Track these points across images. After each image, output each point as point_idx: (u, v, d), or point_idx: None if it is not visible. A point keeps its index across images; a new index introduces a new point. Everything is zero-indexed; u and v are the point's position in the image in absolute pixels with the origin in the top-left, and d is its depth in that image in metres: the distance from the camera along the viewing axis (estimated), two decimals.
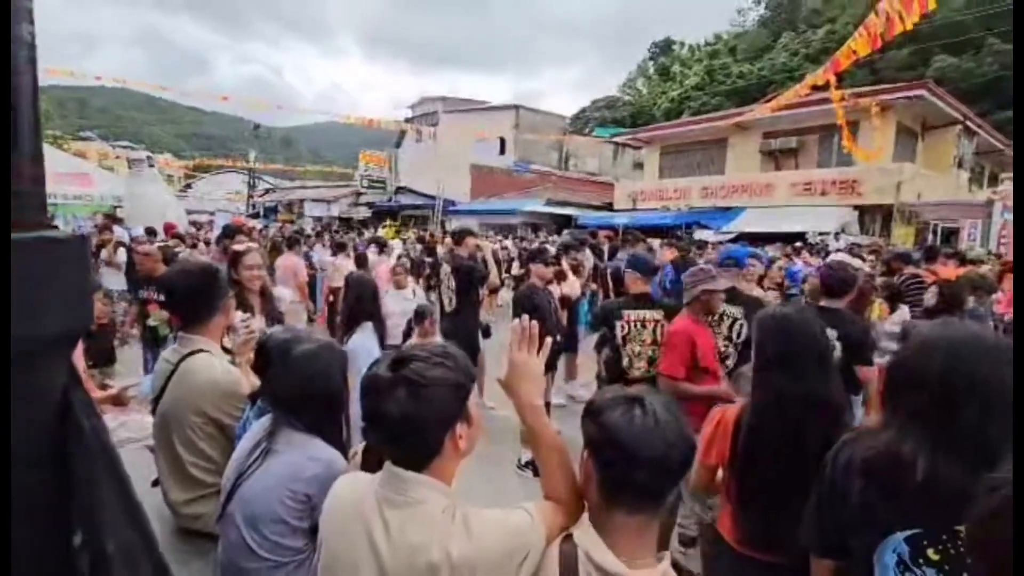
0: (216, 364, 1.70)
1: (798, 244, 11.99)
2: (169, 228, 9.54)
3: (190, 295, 1.79)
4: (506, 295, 5.12)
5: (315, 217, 27.47)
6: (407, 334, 4.20)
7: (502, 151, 27.71)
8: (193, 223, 13.55)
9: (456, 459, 1.04)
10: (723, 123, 18.91)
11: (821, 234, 13.51)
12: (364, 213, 28.07)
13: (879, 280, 5.90)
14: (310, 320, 6.36)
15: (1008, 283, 7.55)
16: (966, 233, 13.20)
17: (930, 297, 4.92)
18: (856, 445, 1.31)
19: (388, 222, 16.75)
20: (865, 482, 1.25)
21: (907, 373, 1.25)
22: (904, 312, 5.12)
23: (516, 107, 28.20)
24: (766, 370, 1.58)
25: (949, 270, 7.66)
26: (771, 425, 1.55)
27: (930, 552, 1.18)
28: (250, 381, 1.66)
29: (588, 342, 4.82)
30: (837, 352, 2.77)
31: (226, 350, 1.88)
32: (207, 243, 8.92)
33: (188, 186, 35.51)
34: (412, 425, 0.97)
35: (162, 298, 3.61)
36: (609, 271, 6.32)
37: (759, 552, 1.62)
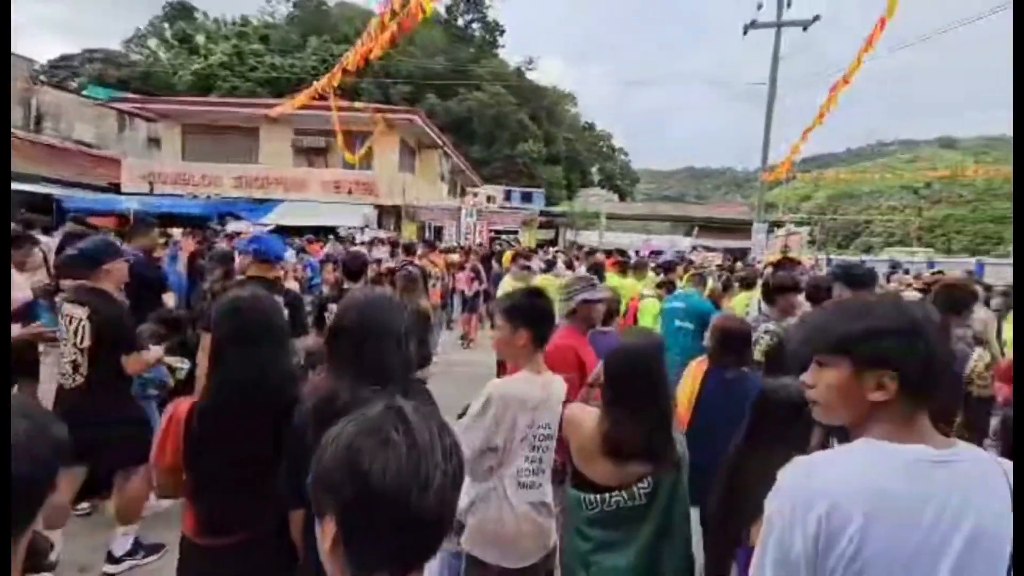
0: None
1: (331, 237, 13.06)
2: None
3: None
4: None
5: None
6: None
7: None
8: None
9: None
10: (253, 111, 18.30)
11: (350, 228, 15.14)
12: None
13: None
14: None
15: (471, 263, 10.61)
16: (447, 230, 17.65)
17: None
18: (310, 399, 1.56)
19: None
20: (317, 424, 1.49)
21: (338, 328, 1.58)
22: None
23: None
24: (222, 351, 1.63)
25: (439, 258, 10.10)
26: (227, 405, 1.60)
27: None
28: None
29: None
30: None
31: None
32: None
33: None
34: None
35: None
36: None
37: (224, 537, 1.61)
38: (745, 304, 5.19)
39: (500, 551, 1.81)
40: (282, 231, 13.82)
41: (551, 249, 15.57)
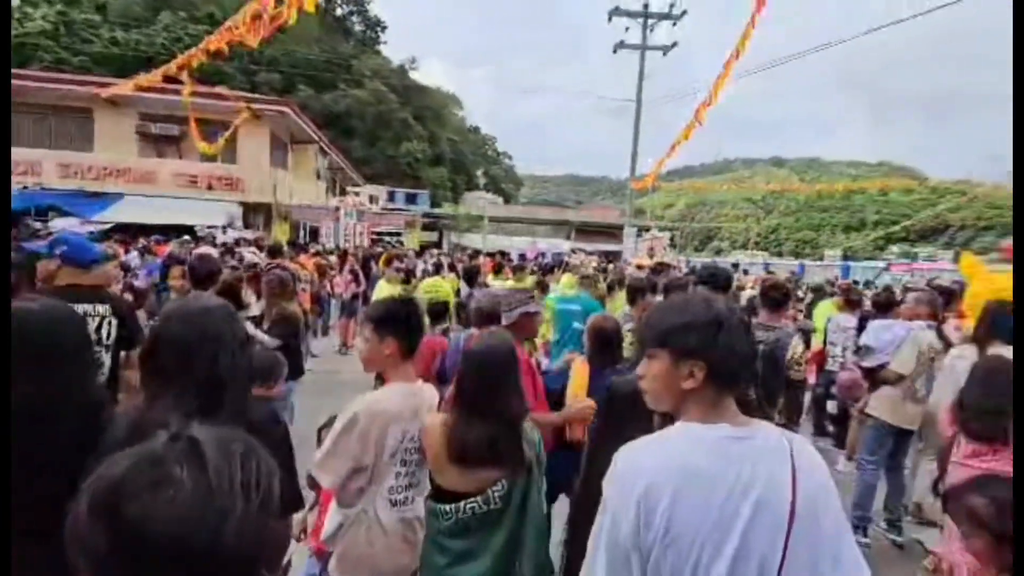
0: None
1: (186, 237, 11.64)
2: None
3: None
4: None
5: None
6: None
7: None
8: None
9: None
10: (83, 90, 15.72)
11: (210, 227, 13.66)
12: None
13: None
14: None
15: (349, 265, 10.10)
16: (324, 231, 16.68)
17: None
18: (120, 427, 1.33)
19: None
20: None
21: (157, 342, 1.38)
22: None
23: None
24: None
25: (309, 261, 9.48)
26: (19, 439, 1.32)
27: None
28: None
29: None
30: None
31: None
32: None
33: None
34: None
35: None
36: None
37: None
38: (621, 305, 5.56)
39: (370, 575, 1.72)
40: (124, 230, 12.09)
41: (435, 251, 15.44)
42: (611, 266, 12.30)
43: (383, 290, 5.11)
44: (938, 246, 52.96)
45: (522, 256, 15.81)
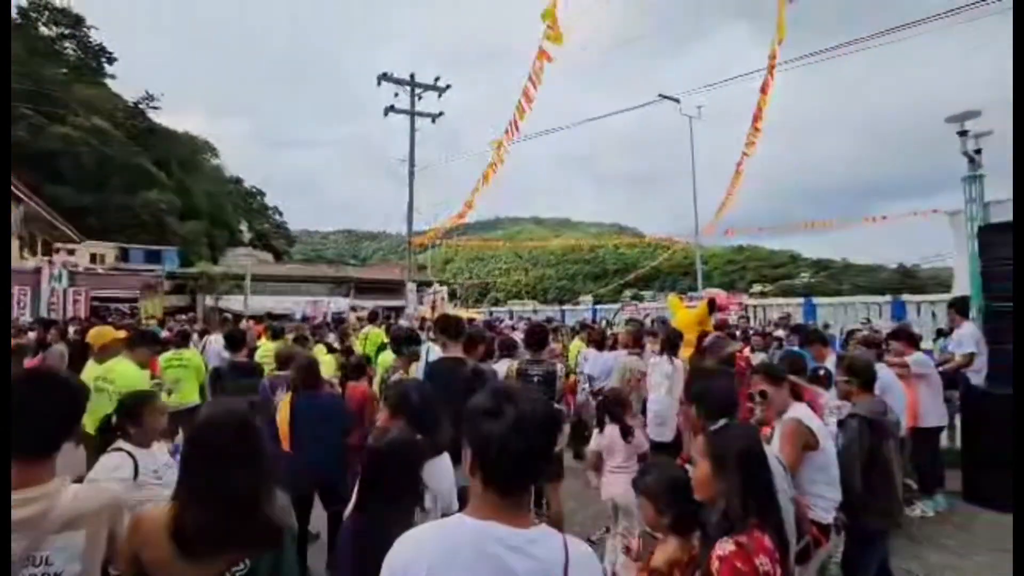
0: None
1: None
2: None
3: None
4: None
5: None
6: None
7: None
8: None
9: None
10: None
11: None
12: None
13: None
14: None
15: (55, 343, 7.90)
16: (19, 301, 12.87)
17: None
18: None
19: None
20: None
21: None
22: None
23: None
24: None
25: None
26: None
27: None
28: None
29: None
30: None
31: None
32: None
33: None
34: None
35: None
36: None
37: None
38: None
39: None
40: None
41: (181, 317, 13.25)
42: (388, 321, 12.33)
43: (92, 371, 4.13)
44: (655, 289, 67.29)
45: (304, 318, 14.65)
